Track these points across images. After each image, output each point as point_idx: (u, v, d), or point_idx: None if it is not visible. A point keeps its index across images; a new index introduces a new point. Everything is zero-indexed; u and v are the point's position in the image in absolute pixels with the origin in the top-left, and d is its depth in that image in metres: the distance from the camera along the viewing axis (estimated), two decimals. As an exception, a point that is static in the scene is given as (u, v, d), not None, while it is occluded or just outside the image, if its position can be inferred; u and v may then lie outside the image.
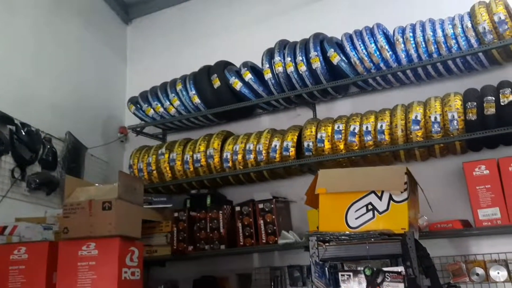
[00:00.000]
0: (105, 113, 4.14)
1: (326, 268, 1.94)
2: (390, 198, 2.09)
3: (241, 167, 3.54)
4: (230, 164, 3.55)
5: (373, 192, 2.12)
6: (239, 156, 3.53)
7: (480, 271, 3.12)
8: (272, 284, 3.58)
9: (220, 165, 3.59)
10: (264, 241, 3.35)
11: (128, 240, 2.31)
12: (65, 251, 2.21)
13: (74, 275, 2.15)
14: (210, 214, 3.50)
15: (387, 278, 1.91)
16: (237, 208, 3.48)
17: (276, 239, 3.30)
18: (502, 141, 3.16)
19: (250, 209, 3.45)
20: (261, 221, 3.39)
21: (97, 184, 2.53)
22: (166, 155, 3.70)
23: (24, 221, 2.57)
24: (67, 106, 3.67)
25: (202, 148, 3.63)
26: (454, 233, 3.07)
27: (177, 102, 3.74)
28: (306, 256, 2.84)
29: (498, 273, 3.06)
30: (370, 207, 2.11)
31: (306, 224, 3.33)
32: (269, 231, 3.37)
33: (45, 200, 3.19)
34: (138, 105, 3.90)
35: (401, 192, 2.07)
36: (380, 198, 2.11)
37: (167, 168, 3.68)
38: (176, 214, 3.54)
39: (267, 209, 3.40)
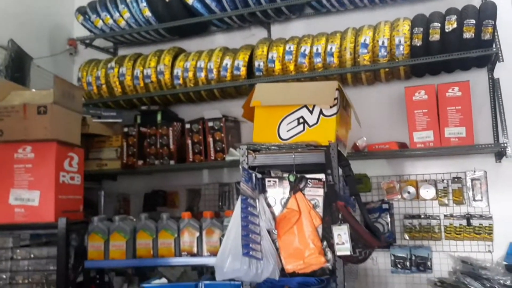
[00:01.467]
0: (52, 22, 3.96)
1: (253, 174, 2.05)
2: (321, 112, 2.17)
3: (192, 85, 3.54)
4: (180, 81, 3.55)
5: (305, 106, 2.19)
6: (190, 74, 3.52)
7: (411, 189, 3.35)
8: (220, 199, 3.75)
9: (170, 82, 3.58)
10: (212, 158, 3.45)
11: (66, 145, 2.34)
12: (0, 154, 2.23)
13: (11, 177, 2.20)
14: (160, 130, 3.54)
15: (309, 184, 2.05)
16: (187, 126, 3.53)
17: (224, 156, 3.40)
18: (444, 68, 3.26)
19: (200, 126, 3.50)
20: (210, 139, 3.47)
21: (33, 90, 2.50)
22: (116, 70, 3.64)
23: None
24: (9, 12, 3.48)
25: (152, 64, 3.59)
26: (390, 154, 3.24)
27: (127, 14, 3.62)
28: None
29: (427, 191, 3.30)
30: (301, 120, 2.19)
31: (256, 144, 3.44)
32: (218, 149, 3.46)
33: (-12, 109, 3.14)
34: (87, 16, 3.75)
35: (331, 107, 2.15)
36: (311, 112, 2.18)
37: (117, 83, 3.64)
38: (126, 129, 3.56)
39: (216, 128, 3.47)
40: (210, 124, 3.47)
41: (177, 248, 2.38)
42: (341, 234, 1.87)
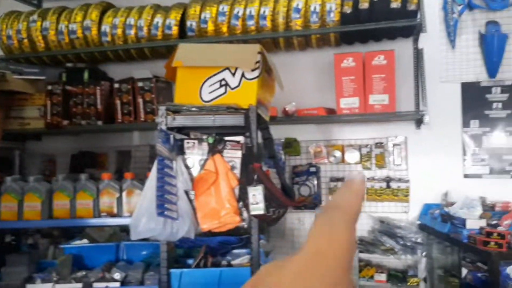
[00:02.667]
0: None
1: (171, 136, 2.04)
2: (243, 75, 2.17)
3: (121, 43, 3.41)
4: (109, 38, 3.40)
5: (228, 68, 2.18)
6: (119, 31, 3.38)
7: (337, 153, 3.48)
8: (151, 161, 3.69)
9: (98, 38, 3.42)
10: (142, 119, 3.38)
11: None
12: None
13: None
14: (87, 89, 3.40)
15: (227, 146, 2.07)
16: (116, 85, 3.41)
17: (155, 117, 3.34)
18: (373, 36, 3.34)
19: (129, 86, 3.40)
20: (140, 100, 3.39)
21: None
22: (38, 23, 3.42)
23: None
24: None
25: (78, 19, 3.40)
26: (319, 119, 3.34)
27: (50, -37, 3.38)
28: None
29: (352, 155, 3.45)
30: (223, 82, 2.18)
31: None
32: (148, 110, 3.39)
33: None
34: (5, -38, 3.46)
35: (252, 70, 2.15)
36: (233, 74, 2.18)
37: (40, 38, 3.43)
38: (50, 87, 3.38)
39: (146, 88, 3.38)
40: (140, 84, 3.38)
41: (96, 209, 2.35)
42: (256, 194, 1.93)
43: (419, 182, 3.37)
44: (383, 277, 3.18)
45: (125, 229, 3.34)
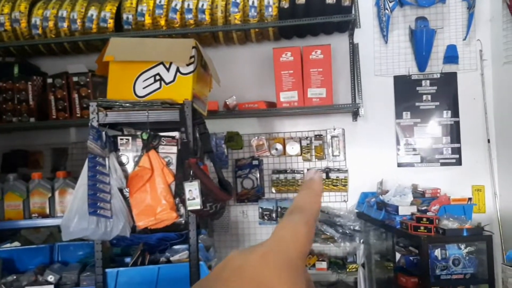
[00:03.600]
0: None
1: (103, 133, 1.99)
2: (178, 70, 2.15)
3: (53, 36, 3.26)
4: (40, 31, 3.24)
5: (162, 63, 2.15)
6: (50, 23, 3.23)
7: (279, 146, 3.54)
8: (90, 158, 3.60)
9: (28, 31, 3.25)
10: (78, 115, 3.27)
11: None
12: None
13: None
14: (17, 84, 3.24)
15: (163, 142, 2.06)
16: (49, 80, 3.27)
17: (92, 113, 3.23)
18: (310, 31, 3.42)
19: (63, 81, 3.27)
20: (76, 95, 3.27)
21: None
22: (-40, 14, 3.20)
23: None
24: None
25: (6, 10, 3.21)
26: (260, 112, 3.37)
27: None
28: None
29: (293, 148, 3.52)
30: (158, 77, 2.15)
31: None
32: (84, 106, 3.27)
33: None
34: None
35: (187, 65, 2.14)
36: (168, 69, 2.15)
37: (-38, 30, 3.21)
38: (-24, 83, 3.19)
39: (82, 83, 3.27)
40: (75, 79, 3.26)
41: (26, 210, 2.25)
42: (192, 190, 1.93)
43: (356, 172, 3.51)
44: (324, 265, 3.29)
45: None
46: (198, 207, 1.93)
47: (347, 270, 3.26)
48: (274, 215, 3.54)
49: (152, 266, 2.08)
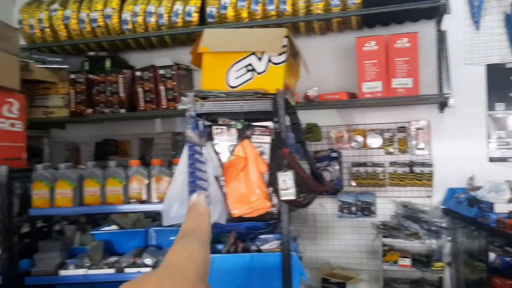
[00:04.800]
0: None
1: (200, 122, 2.04)
2: (269, 60, 2.16)
3: (142, 30, 3.41)
4: (130, 26, 3.40)
5: (254, 53, 2.17)
6: (139, 19, 3.38)
7: (359, 138, 3.46)
8: (174, 148, 3.74)
9: (119, 26, 3.42)
10: (164, 106, 3.40)
11: (3, 90, 2.22)
12: None
13: None
14: (109, 77, 3.42)
15: (256, 132, 2.07)
16: (138, 73, 3.43)
17: (176, 105, 3.35)
18: (395, 19, 3.29)
19: (151, 74, 3.41)
20: (162, 87, 3.40)
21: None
22: (60, 12, 3.43)
23: None
24: None
25: (99, 7, 3.40)
26: (340, 103, 3.31)
27: (69, -49, 3.37)
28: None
29: (374, 140, 3.43)
30: (250, 68, 2.17)
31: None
32: (170, 97, 3.40)
33: None
34: (26, -48, 3.46)
35: (279, 54, 2.14)
36: (259, 59, 2.16)
37: (61, 26, 3.44)
38: (73, 76, 3.42)
39: (168, 76, 3.39)
40: (161, 71, 3.39)
41: (125, 195, 2.37)
42: (286, 180, 1.93)
43: (442, 166, 3.35)
44: (407, 261, 3.18)
45: (149, 215, 3.39)
46: (292, 197, 1.93)
47: (432, 268, 3.13)
48: (353, 208, 3.48)
49: (245, 254, 2.12)
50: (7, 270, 2.10)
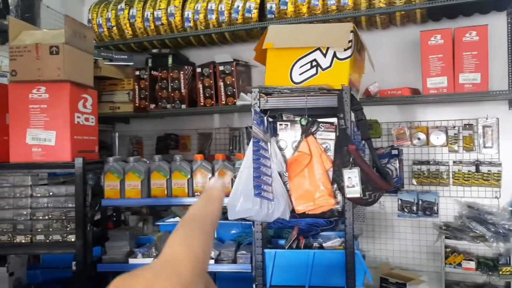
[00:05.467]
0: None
1: (265, 118, 2.06)
2: (334, 55, 2.14)
3: (203, 28, 3.48)
4: (191, 24, 3.48)
5: (319, 49, 2.16)
6: (201, 16, 3.44)
7: (421, 135, 3.35)
8: (231, 143, 3.80)
9: (181, 24, 3.51)
10: (223, 102, 3.46)
11: (79, 86, 2.35)
12: (15, 94, 2.25)
13: (26, 117, 2.23)
14: (171, 74, 3.53)
15: (321, 128, 2.06)
16: (198, 69, 3.51)
17: (235, 100, 3.40)
18: (462, 11, 3.15)
19: (210, 70, 3.48)
20: (221, 83, 3.46)
21: (44, 30, 2.48)
22: (126, 11, 3.57)
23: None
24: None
25: (163, 5, 3.50)
26: (402, 99, 3.21)
27: (136, -47, 3.50)
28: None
29: (438, 138, 3.31)
30: (314, 63, 2.16)
31: (266, 88, 3.43)
32: (229, 93, 3.45)
33: (0, 50, 3.14)
34: (95, -46, 3.63)
35: (345, 50, 2.11)
36: (324, 55, 2.15)
37: (127, 25, 3.58)
38: (137, 73, 3.55)
39: (227, 72, 3.45)
40: (221, 68, 3.45)
41: (190, 188, 2.45)
42: (352, 177, 1.91)
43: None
44: (471, 264, 3.06)
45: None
46: (358, 195, 1.91)
47: (500, 272, 2.98)
48: (414, 208, 3.38)
49: (308, 251, 2.12)
50: (81, 257, 2.23)
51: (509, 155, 3.18)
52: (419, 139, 3.36)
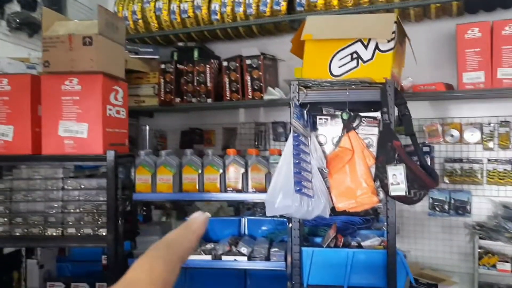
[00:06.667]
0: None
1: (305, 111, 1.99)
2: (376, 47, 2.06)
3: (230, 20, 3.41)
4: (218, 16, 3.41)
5: (360, 40, 2.08)
6: (228, 9, 3.38)
7: (455, 132, 3.25)
8: (256, 138, 3.73)
9: (208, 17, 3.44)
10: (250, 96, 3.39)
11: (111, 78, 2.30)
12: (48, 85, 2.21)
13: (59, 109, 2.19)
14: (197, 67, 3.47)
15: (363, 123, 1.99)
16: (225, 63, 3.44)
17: (262, 95, 3.33)
18: (501, 3, 3.04)
19: (237, 64, 3.41)
20: (248, 77, 3.39)
21: (76, 20, 2.43)
22: (152, 4, 3.52)
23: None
24: None
25: (189, -2, 3.44)
26: (436, 95, 3.11)
27: None
28: (290, 113, 2.93)
29: (472, 135, 3.20)
30: (354, 55, 2.08)
31: (293, 83, 3.35)
32: (256, 87, 3.38)
33: (28, 42, 3.10)
34: None
35: (388, 41, 2.03)
36: (366, 47, 2.07)
37: (153, 18, 3.53)
38: (163, 66, 3.50)
39: (254, 65, 3.37)
40: (248, 61, 3.38)
41: (222, 183, 2.39)
42: (397, 174, 1.83)
43: (550, 165, 3.05)
44: (507, 266, 2.96)
45: (231, 204, 3.41)
46: (403, 193, 1.83)
47: (537, 275, 2.88)
48: (446, 207, 3.28)
49: (346, 250, 2.05)
50: (112, 251, 2.19)
51: (547, 154, 3.06)
52: (452, 136, 3.26)
